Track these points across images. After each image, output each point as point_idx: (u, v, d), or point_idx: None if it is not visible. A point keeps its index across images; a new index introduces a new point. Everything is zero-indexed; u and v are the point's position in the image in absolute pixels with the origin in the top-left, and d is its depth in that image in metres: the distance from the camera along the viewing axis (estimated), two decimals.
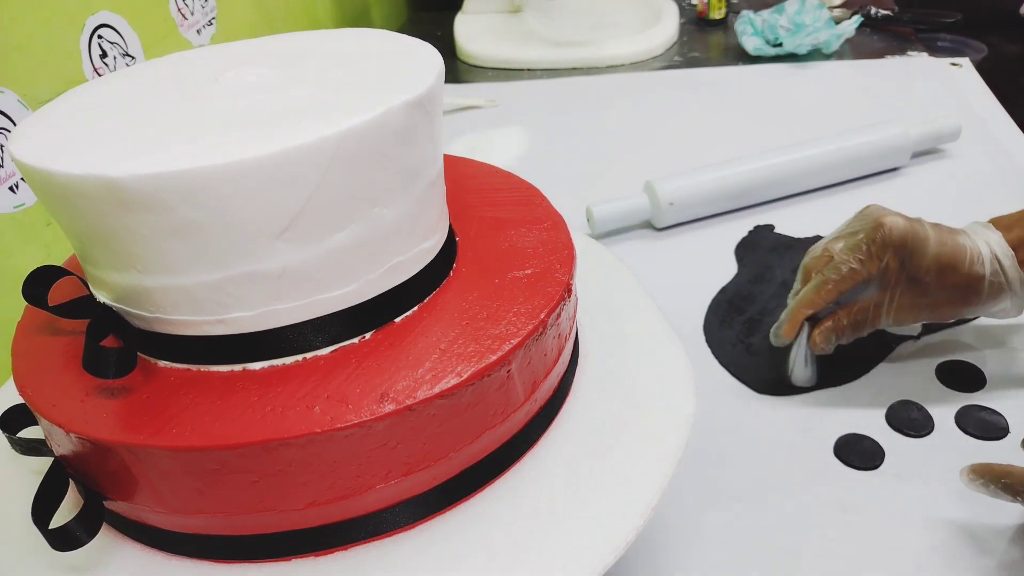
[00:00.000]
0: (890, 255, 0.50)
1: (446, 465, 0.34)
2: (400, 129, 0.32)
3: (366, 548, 0.34)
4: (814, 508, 0.47)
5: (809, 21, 1.02)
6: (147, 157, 0.30)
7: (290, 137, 0.30)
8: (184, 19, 0.76)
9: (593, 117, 0.95)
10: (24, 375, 0.35)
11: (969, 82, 0.95)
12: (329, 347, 0.34)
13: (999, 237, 0.51)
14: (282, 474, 0.31)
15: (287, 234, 0.31)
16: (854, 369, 0.56)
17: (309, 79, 0.36)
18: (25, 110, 0.55)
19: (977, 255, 0.50)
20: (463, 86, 1.06)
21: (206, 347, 0.33)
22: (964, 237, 0.51)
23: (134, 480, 0.32)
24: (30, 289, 0.34)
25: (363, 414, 0.31)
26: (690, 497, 0.48)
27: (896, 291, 0.51)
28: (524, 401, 0.36)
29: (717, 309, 0.63)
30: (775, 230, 0.72)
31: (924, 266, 0.50)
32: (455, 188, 0.42)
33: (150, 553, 0.35)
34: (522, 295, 0.37)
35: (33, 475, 0.37)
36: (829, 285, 0.52)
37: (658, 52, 1.10)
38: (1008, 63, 1.31)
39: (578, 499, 0.35)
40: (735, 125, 0.90)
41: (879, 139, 0.77)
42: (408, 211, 0.35)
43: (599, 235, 0.73)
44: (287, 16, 0.98)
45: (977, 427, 0.51)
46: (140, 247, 0.31)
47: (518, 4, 1.16)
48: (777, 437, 0.52)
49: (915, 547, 0.44)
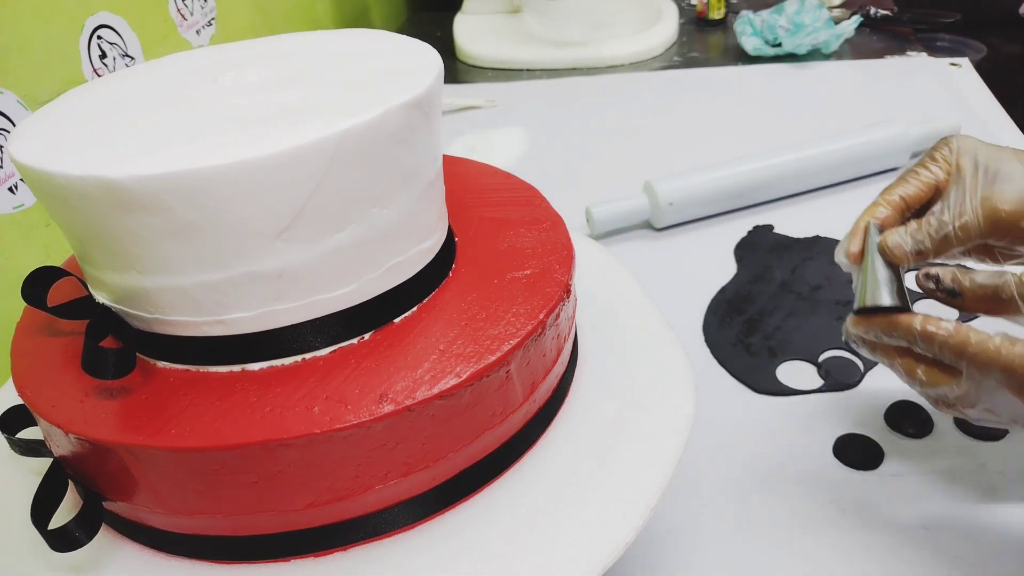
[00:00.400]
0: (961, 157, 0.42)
1: (445, 466, 0.34)
2: (399, 129, 0.32)
3: (365, 548, 0.34)
4: (813, 508, 0.47)
5: (808, 21, 1.02)
6: (146, 158, 0.30)
7: (290, 137, 0.30)
8: (183, 20, 0.76)
9: (593, 117, 0.95)
10: (23, 376, 0.35)
11: (968, 82, 0.95)
12: (328, 348, 0.34)
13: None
14: (281, 475, 0.31)
15: (286, 235, 0.31)
16: (854, 369, 0.56)
17: (308, 79, 0.36)
18: (24, 111, 0.55)
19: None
20: (462, 86, 1.06)
21: (205, 348, 0.33)
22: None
23: (133, 481, 0.32)
24: (29, 290, 0.34)
25: (362, 415, 0.31)
26: (690, 497, 0.48)
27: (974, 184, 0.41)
28: (523, 401, 0.36)
29: (717, 309, 0.63)
30: (774, 230, 0.72)
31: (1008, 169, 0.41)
32: (455, 188, 0.42)
33: (149, 554, 0.35)
34: (521, 295, 0.37)
35: (32, 476, 0.37)
36: (894, 193, 0.44)
37: (658, 52, 1.10)
38: (1007, 63, 1.31)
39: (578, 499, 0.35)
40: (735, 125, 0.90)
41: (879, 139, 0.77)
42: (407, 211, 0.35)
43: (599, 235, 0.73)
44: (287, 16, 0.98)
45: (976, 428, 0.51)
46: (139, 248, 0.31)
47: (518, 4, 1.16)
48: (777, 437, 0.52)
49: (915, 547, 0.44)
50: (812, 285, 0.64)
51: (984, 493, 0.47)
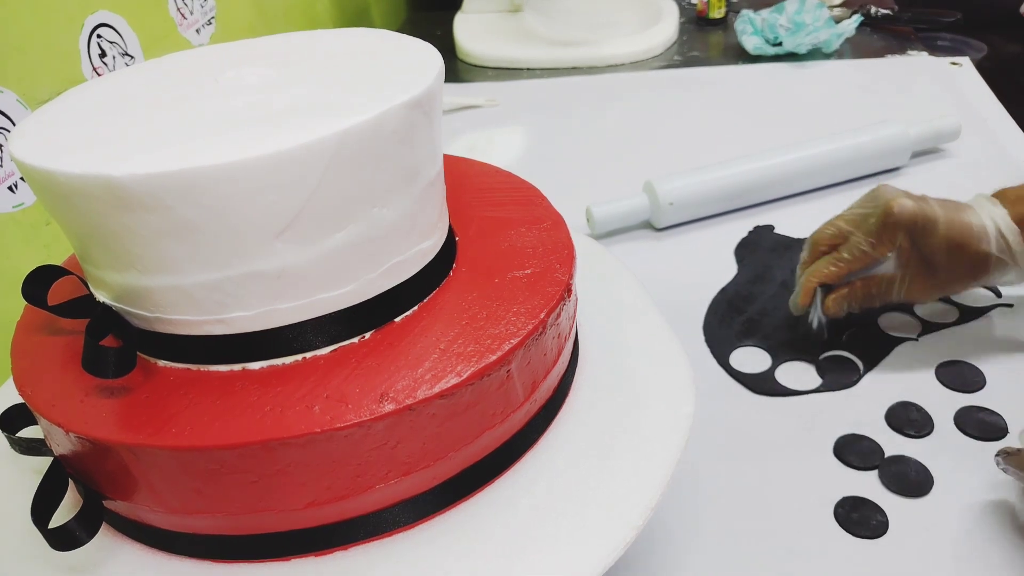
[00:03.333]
0: (902, 237, 0.53)
1: (446, 465, 0.34)
2: (399, 129, 0.32)
3: (366, 548, 0.34)
4: (814, 508, 0.47)
5: (809, 20, 1.02)
6: (146, 157, 0.30)
7: (290, 137, 0.30)
8: (183, 19, 0.76)
9: (593, 117, 0.95)
10: (24, 375, 0.35)
11: (969, 81, 0.94)
12: (329, 347, 0.34)
13: (1004, 213, 0.53)
14: (281, 474, 0.31)
15: (286, 234, 0.31)
16: (854, 369, 0.56)
17: (308, 79, 0.36)
18: (24, 110, 0.55)
19: (983, 233, 0.52)
20: (463, 85, 1.06)
21: (206, 347, 0.33)
22: (971, 214, 0.53)
23: (133, 480, 0.32)
24: (30, 289, 0.34)
25: (363, 414, 0.31)
26: (690, 497, 0.48)
27: (908, 269, 0.54)
28: (524, 401, 0.36)
29: (717, 309, 0.63)
30: (775, 230, 0.72)
31: (934, 247, 0.53)
32: (455, 188, 0.42)
33: (149, 553, 0.35)
34: (522, 295, 0.36)
35: (33, 475, 0.37)
36: (843, 264, 0.55)
37: (658, 52, 1.10)
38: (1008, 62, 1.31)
39: (578, 499, 0.35)
40: (735, 125, 0.90)
41: (879, 139, 0.77)
42: (407, 211, 0.35)
43: (599, 235, 0.73)
44: (286, 16, 0.98)
45: (977, 428, 0.51)
46: (139, 247, 0.31)
47: (518, 3, 1.16)
48: (777, 437, 0.52)
49: (915, 548, 0.44)
50: None
51: (985, 492, 0.47)
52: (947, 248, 0.52)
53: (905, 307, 0.61)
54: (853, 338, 0.59)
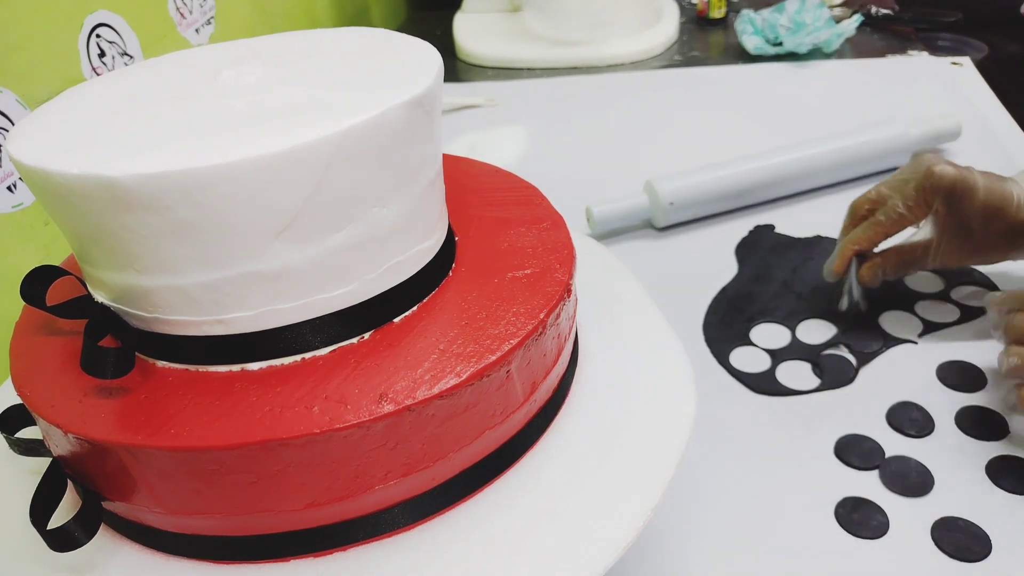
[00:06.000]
0: (939, 201, 0.53)
1: (445, 465, 0.34)
2: (399, 128, 0.32)
3: (365, 548, 0.34)
4: (815, 508, 0.47)
5: (809, 20, 1.02)
6: (145, 157, 0.30)
7: (289, 137, 0.30)
8: (183, 18, 0.76)
9: (593, 117, 0.95)
10: (22, 375, 0.35)
11: (970, 81, 0.94)
12: (328, 347, 0.34)
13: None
14: (281, 474, 0.31)
15: (286, 234, 0.31)
16: (848, 368, 0.56)
17: (308, 78, 0.36)
18: (23, 110, 0.55)
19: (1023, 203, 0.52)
20: (463, 85, 1.06)
21: (204, 347, 0.33)
22: (1012, 184, 0.53)
23: (132, 480, 0.32)
24: (28, 289, 0.34)
25: (362, 414, 0.31)
26: (690, 497, 0.48)
27: (944, 235, 0.54)
28: (524, 401, 0.36)
29: (717, 309, 0.63)
30: (775, 230, 0.72)
31: (972, 212, 0.53)
32: (455, 188, 0.42)
33: (148, 554, 0.35)
34: (521, 295, 0.36)
35: (31, 475, 0.37)
36: (878, 227, 0.56)
37: (658, 51, 1.10)
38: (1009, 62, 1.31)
39: (578, 499, 0.35)
40: (735, 125, 0.90)
41: (879, 139, 0.77)
42: (407, 211, 0.34)
43: (599, 235, 0.73)
44: (286, 15, 0.98)
45: (977, 427, 0.51)
46: (138, 247, 0.31)
47: (518, 3, 1.16)
48: (778, 437, 0.52)
49: (915, 548, 0.44)
50: (813, 285, 0.64)
51: (985, 491, 0.47)
52: (984, 214, 0.52)
53: (906, 306, 0.61)
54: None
